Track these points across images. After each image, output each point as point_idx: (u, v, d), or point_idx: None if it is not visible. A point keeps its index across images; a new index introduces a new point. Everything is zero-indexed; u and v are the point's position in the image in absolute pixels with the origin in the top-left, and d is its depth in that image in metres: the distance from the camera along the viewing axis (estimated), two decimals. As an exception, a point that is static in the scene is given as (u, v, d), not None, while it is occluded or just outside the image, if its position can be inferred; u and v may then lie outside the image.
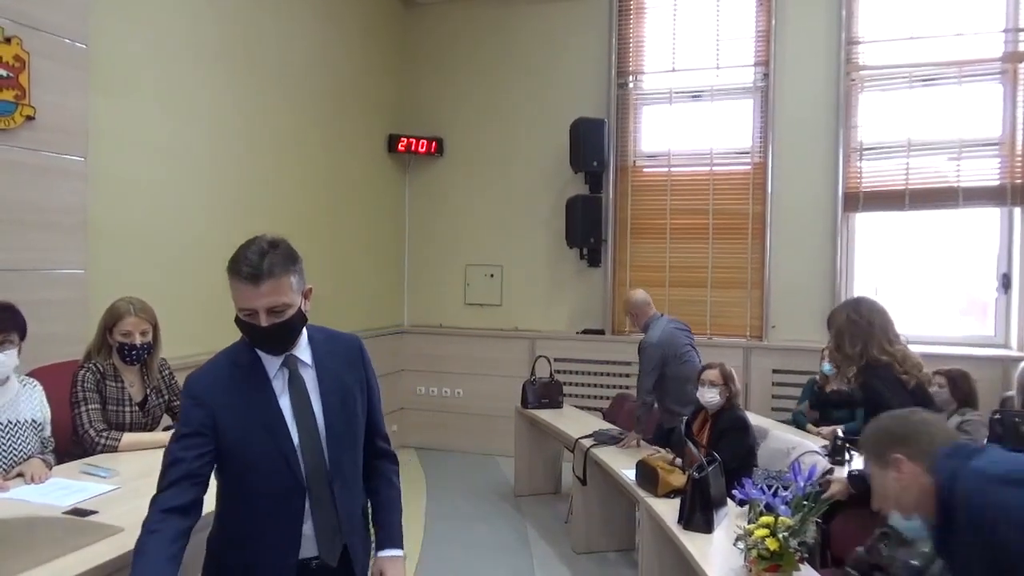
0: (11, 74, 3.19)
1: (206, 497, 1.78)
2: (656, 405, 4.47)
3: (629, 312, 4.76)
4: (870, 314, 2.81)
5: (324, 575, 1.85)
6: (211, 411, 1.76)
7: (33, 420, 2.62)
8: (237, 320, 1.77)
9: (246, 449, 1.77)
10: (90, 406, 2.85)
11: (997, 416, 4.16)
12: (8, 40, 3.17)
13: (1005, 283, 5.56)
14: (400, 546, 1.99)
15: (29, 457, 2.55)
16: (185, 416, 1.78)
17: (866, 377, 2.74)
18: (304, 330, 1.86)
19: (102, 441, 2.81)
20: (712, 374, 3.86)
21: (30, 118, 3.27)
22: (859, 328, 2.79)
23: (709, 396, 3.81)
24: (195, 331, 4.55)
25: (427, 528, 4.88)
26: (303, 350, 1.86)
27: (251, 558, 1.81)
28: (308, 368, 1.86)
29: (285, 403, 1.81)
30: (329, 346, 1.92)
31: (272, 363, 1.82)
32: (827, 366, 4.76)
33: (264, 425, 1.78)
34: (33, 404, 2.64)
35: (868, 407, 2.76)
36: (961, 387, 4.12)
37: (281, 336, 1.78)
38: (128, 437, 2.88)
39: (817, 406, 4.82)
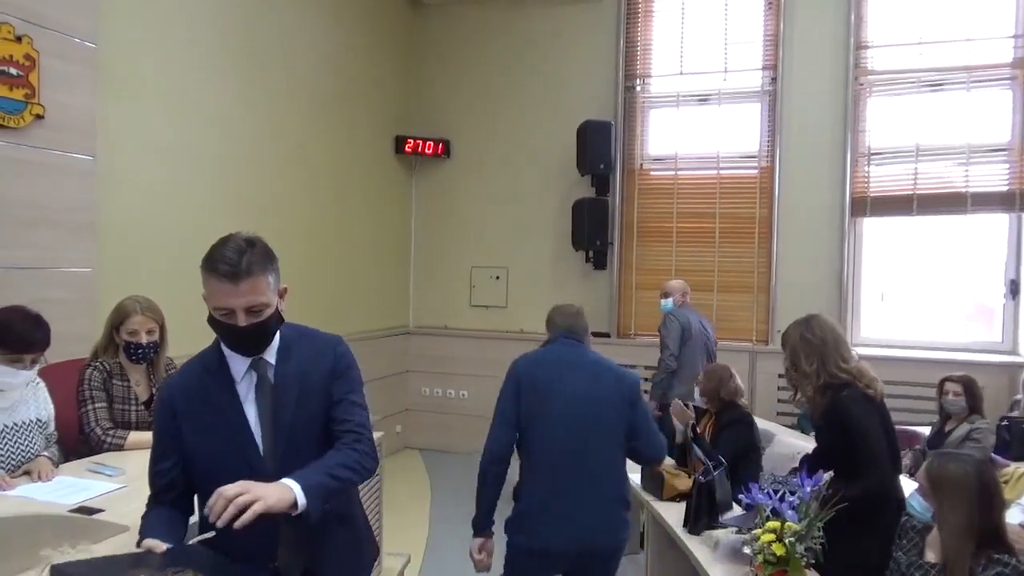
0: (21, 73, 3.20)
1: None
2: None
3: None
4: (822, 332, 2.78)
5: None
6: (176, 418, 1.75)
7: (38, 419, 2.62)
8: (211, 320, 1.73)
9: (210, 456, 1.73)
10: (96, 404, 2.86)
11: (1005, 423, 4.15)
12: (19, 39, 3.18)
13: (1013, 289, 5.54)
14: (300, 483, 1.60)
15: (36, 456, 2.55)
16: (157, 426, 1.79)
17: (833, 396, 2.70)
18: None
19: (108, 440, 2.81)
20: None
21: (39, 117, 3.28)
22: (813, 346, 2.76)
23: (702, 399, 3.90)
24: (202, 331, 4.55)
25: (431, 530, 4.88)
26: (271, 352, 1.80)
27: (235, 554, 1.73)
28: (273, 368, 1.80)
29: (251, 409, 1.77)
30: (301, 345, 1.85)
31: (239, 367, 1.79)
32: None
33: (228, 432, 1.74)
34: (38, 403, 2.65)
35: (831, 427, 2.71)
36: (975, 394, 4.09)
37: (258, 337, 1.74)
38: (134, 436, 2.88)
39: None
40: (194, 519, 1.85)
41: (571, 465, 2.67)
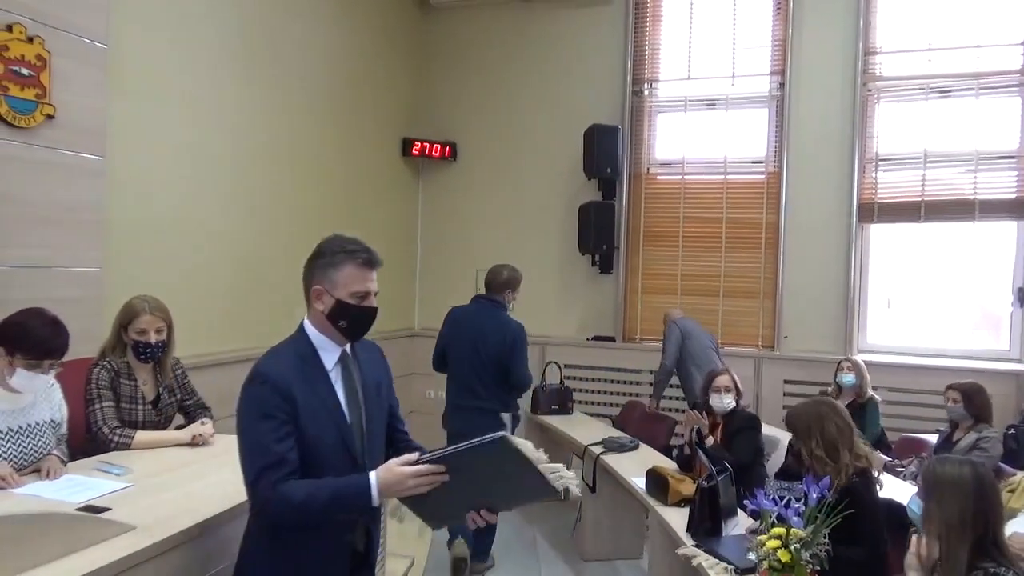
0: (33, 73, 3.22)
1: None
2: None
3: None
4: (845, 419, 2.85)
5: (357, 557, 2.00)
6: (289, 401, 1.85)
7: (51, 421, 2.63)
8: (339, 305, 1.92)
9: (313, 431, 1.88)
10: (104, 404, 2.87)
11: (1012, 431, 4.13)
12: (30, 40, 3.20)
13: (1021, 297, 5.51)
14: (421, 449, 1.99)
15: (46, 454, 2.56)
16: (272, 406, 1.84)
17: (849, 482, 2.72)
18: None
19: (115, 439, 2.82)
20: (725, 380, 4.02)
21: (50, 117, 3.29)
22: (845, 436, 2.82)
23: (726, 402, 3.97)
24: (210, 331, 4.58)
25: (434, 533, 4.87)
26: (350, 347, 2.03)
27: (312, 536, 1.90)
28: (353, 363, 2.02)
29: (340, 391, 1.97)
30: (361, 346, 2.09)
31: (330, 359, 1.97)
32: (848, 378, 4.72)
33: (328, 417, 1.92)
34: (52, 404, 2.66)
35: (845, 505, 2.72)
36: (975, 402, 4.07)
37: (373, 320, 1.99)
38: (141, 435, 2.89)
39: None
40: None
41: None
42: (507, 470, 1.84)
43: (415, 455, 1.84)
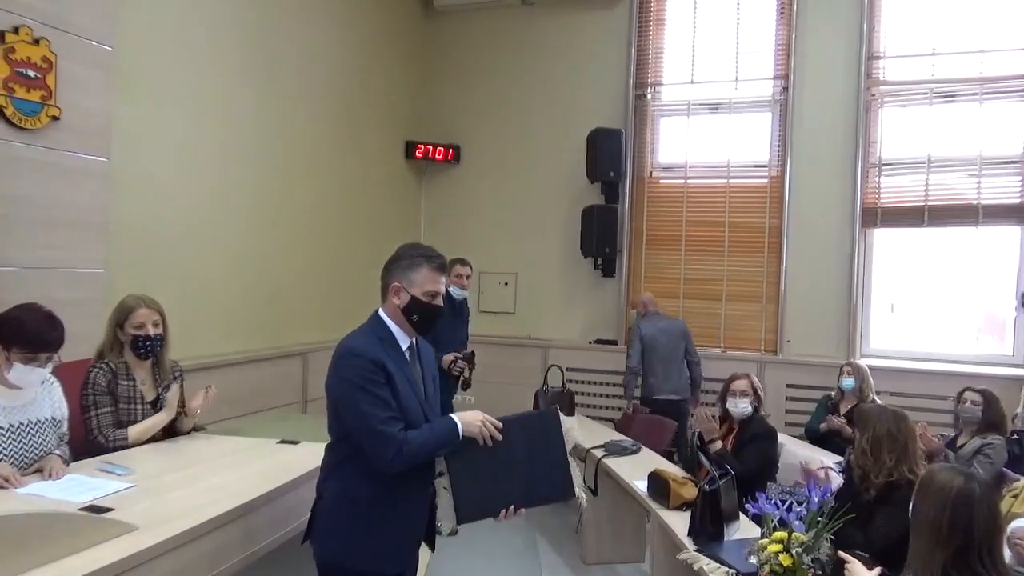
0: (39, 75, 3.23)
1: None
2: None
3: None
4: (907, 436, 2.87)
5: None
6: (384, 368, 2.15)
7: (52, 418, 2.63)
8: (413, 302, 2.24)
9: (401, 400, 2.17)
10: (100, 410, 2.86)
11: (1015, 437, 4.11)
12: (36, 42, 3.21)
13: (1024, 302, 5.51)
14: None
15: (47, 454, 2.57)
16: (372, 373, 2.14)
17: (900, 486, 2.74)
18: None
19: (112, 445, 2.82)
20: (742, 384, 3.92)
21: (55, 118, 3.30)
22: (897, 445, 2.84)
23: (741, 406, 3.88)
24: (214, 333, 4.59)
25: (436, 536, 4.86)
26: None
27: (402, 505, 2.25)
28: (416, 355, 2.33)
29: (414, 372, 2.29)
30: (421, 342, 2.41)
31: (403, 345, 2.27)
32: (848, 382, 4.72)
33: (411, 383, 2.24)
34: (53, 402, 2.66)
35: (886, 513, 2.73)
36: (995, 408, 4.02)
37: (439, 317, 2.30)
38: (133, 431, 2.89)
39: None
40: None
41: None
42: (545, 453, 2.24)
43: None
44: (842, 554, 2.21)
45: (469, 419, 2.21)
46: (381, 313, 2.30)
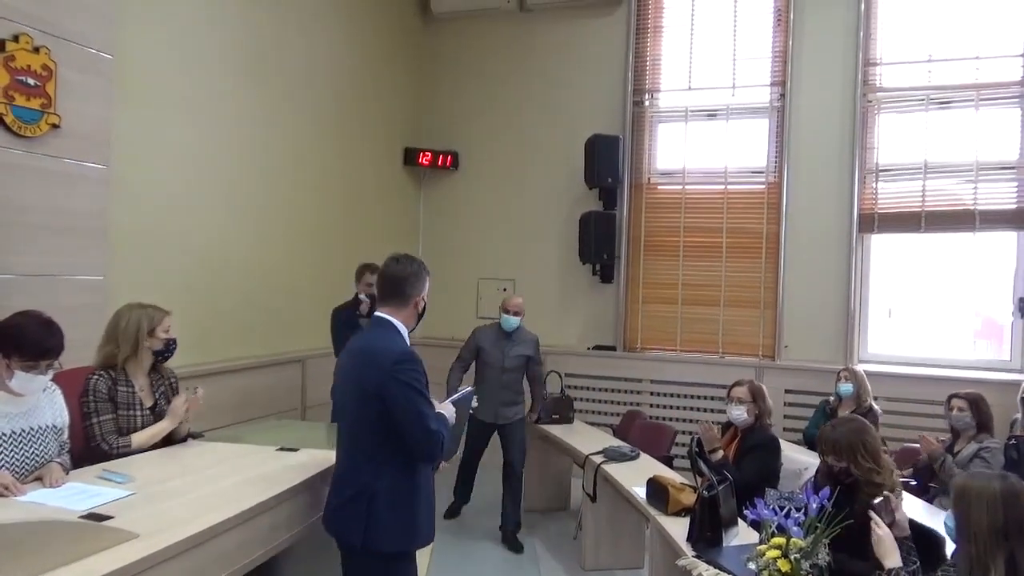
0: (39, 83, 3.24)
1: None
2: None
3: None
4: (874, 431, 2.90)
5: None
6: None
7: (53, 425, 2.64)
8: (424, 306, 2.63)
9: None
10: (102, 417, 2.87)
11: (1012, 442, 4.12)
12: (36, 50, 3.23)
13: (1022, 307, 5.52)
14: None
15: (48, 461, 2.57)
16: (426, 388, 2.43)
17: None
18: None
19: (114, 452, 2.83)
20: (739, 391, 3.87)
21: (55, 126, 3.32)
22: (880, 445, 2.90)
23: (736, 413, 3.85)
24: (213, 339, 4.60)
25: (435, 542, 4.86)
26: None
27: (430, 485, 2.62)
28: None
29: None
30: None
31: None
32: (845, 387, 4.74)
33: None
34: (54, 409, 2.67)
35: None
36: (982, 410, 4.08)
37: None
38: (137, 438, 2.91)
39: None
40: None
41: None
42: (459, 422, 2.72)
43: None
44: (874, 517, 2.31)
45: (446, 408, 2.59)
46: (394, 320, 2.55)
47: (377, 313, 2.60)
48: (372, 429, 2.41)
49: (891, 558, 2.28)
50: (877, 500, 2.49)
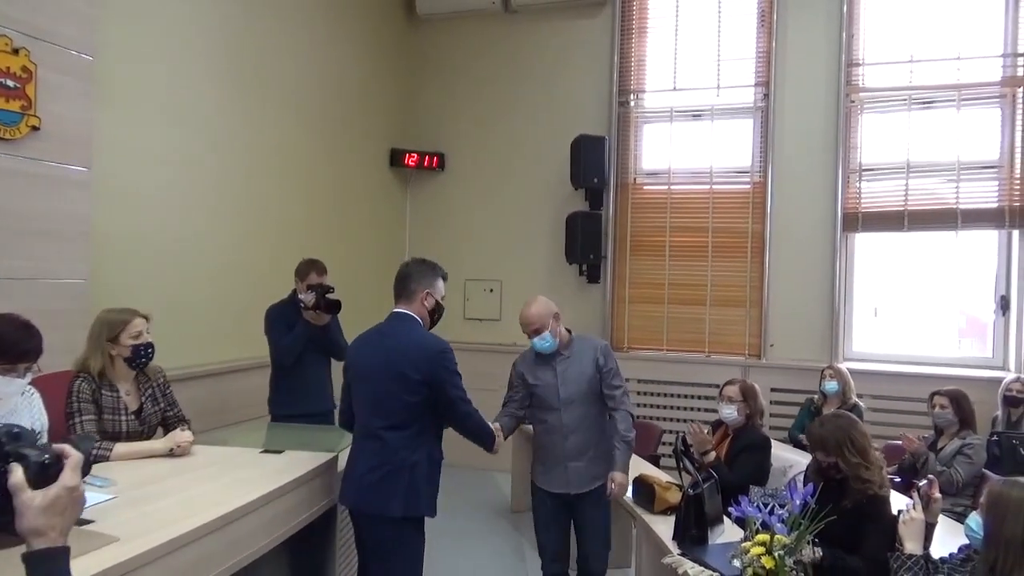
0: (18, 85, 3.21)
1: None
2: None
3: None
4: (861, 426, 2.89)
5: None
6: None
7: (32, 429, 2.61)
8: (437, 304, 3.07)
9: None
10: (84, 417, 2.85)
11: (995, 438, 4.16)
12: (16, 51, 3.20)
13: (1004, 305, 5.58)
14: None
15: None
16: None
17: (879, 497, 2.74)
18: None
19: (95, 452, 2.80)
20: (731, 390, 3.88)
21: (35, 128, 3.28)
22: (868, 441, 2.87)
23: (726, 412, 3.86)
24: (196, 342, 4.56)
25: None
26: None
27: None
28: None
29: None
30: None
31: None
32: (831, 385, 4.77)
33: None
34: (32, 413, 2.64)
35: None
36: (964, 407, 4.11)
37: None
38: (120, 447, 2.86)
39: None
40: None
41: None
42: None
43: None
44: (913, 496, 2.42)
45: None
46: (411, 313, 2.96)
47: (395, 309, 3.00)
48: (412, 409, 2.78)
49: (914, 543, 2.29)
50: (922, 483, 2.52)
